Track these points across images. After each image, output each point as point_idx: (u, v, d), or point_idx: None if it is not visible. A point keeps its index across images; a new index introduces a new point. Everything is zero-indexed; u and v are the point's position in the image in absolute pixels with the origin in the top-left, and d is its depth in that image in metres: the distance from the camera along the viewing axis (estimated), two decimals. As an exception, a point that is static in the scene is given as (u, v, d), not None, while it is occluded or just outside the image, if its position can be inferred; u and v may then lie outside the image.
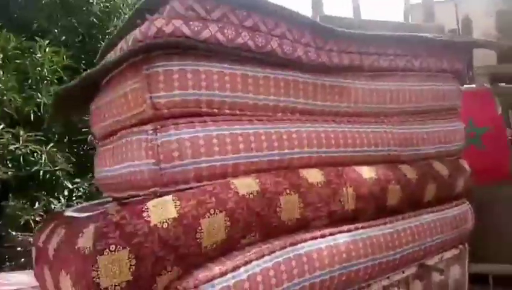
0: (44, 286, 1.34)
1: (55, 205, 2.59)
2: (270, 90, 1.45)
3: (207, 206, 1.19)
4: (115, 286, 1.03)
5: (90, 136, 2.58)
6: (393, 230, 1.65)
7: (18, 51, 2.80)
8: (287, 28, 1.47)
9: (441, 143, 2.00)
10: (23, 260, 2.46)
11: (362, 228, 1.55)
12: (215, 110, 1.33)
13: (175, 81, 1.25)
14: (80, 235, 1.09)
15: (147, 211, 1.11)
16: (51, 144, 2.62)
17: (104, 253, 1.03)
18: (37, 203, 2.55)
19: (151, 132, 1.23)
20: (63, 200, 2.63)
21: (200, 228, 1.16)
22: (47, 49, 2.75)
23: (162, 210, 1.13)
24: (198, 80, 1.28)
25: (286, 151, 1.43)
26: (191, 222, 1.15)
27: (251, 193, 1.28)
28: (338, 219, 1.50)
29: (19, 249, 2.46)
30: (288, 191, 1.36)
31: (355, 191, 1.53)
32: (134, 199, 1.28)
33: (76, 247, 1.07)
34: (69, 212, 1.48)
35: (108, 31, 3.40)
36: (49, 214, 1.64)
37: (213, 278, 1.15)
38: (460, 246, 2.05)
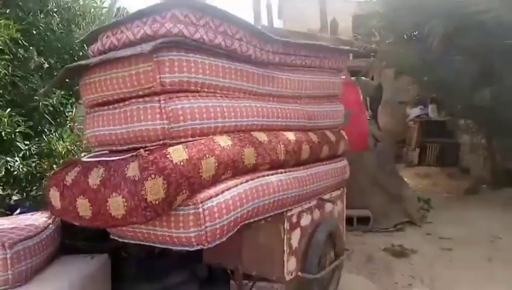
0: (74, 214, 1.74)
1: (12, 165, 2.71)
2: (232, 77, 2.08)
3: (203, 153, 1.79)
4: (155, 200, 1.58)
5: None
6: (305, 174, 2.47)
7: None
8: (243, 33, 2.10)
9: (330, 119, 2.90)
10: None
11: (289, 171, 2.32)
12: (199, 89, 1.91)
13: (175, 67, 1.80)
14: (126, 169, 1.59)
15: (169, 154, 1.66)
16: (9, 109, 2.71)
17: (148, 179, 1.56)
18: (-4, 161, 2.64)
19: (163, 101, 1.75)
20: (19, 160, 2.75)
21: (201, 165, 1.75)
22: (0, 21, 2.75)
23: (178, 153, 1.69)
24: (189, 67, 1.84)
25: (244, 119, 2.09)
26: (196, 162, 1.74)
27: (228, 146, 1.92)
28: (275, 165, 2.23)
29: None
30: (248, 146, 2.03)
31: (285, 148, 2.28)
32: (148, 147, 1.77)
33: (126, 176, 1.57)
34: (87, 159, 1.86)
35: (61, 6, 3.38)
36: (65, 162, 1.97)
37: (210, 197, 1.77)
38: (342, 189, 3.02)
